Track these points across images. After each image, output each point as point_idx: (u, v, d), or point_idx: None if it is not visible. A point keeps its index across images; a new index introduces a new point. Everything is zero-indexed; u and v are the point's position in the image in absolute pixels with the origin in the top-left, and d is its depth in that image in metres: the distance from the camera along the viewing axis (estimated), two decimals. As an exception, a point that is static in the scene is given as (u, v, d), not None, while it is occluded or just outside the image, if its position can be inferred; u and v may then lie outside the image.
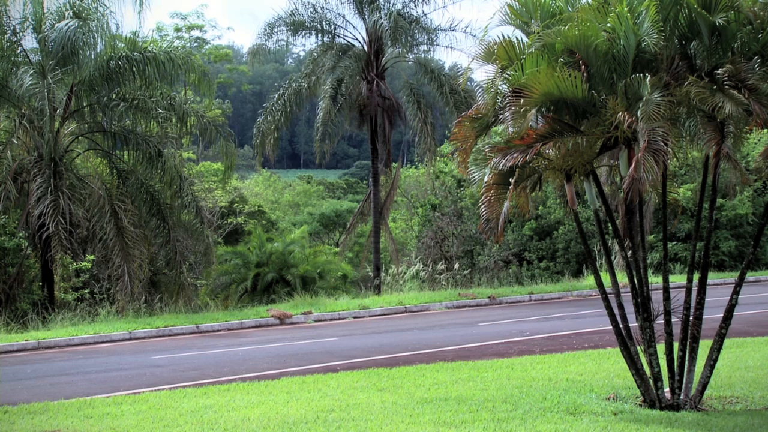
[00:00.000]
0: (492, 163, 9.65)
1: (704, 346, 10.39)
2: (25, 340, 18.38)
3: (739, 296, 10.33)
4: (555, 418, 9.41)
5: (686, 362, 10.15)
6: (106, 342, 19.10)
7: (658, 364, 10.06)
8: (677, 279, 22.46)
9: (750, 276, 28.52)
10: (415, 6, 31.16)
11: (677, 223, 32.33)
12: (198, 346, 17.81)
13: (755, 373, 12.21)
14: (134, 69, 24.35)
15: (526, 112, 9.11)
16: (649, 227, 28.83)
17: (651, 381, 10.12)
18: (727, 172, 11.80)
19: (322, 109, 30.35)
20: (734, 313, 10.29)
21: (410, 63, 32.85)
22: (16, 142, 23.76)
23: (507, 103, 9.43)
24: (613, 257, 27.51)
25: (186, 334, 20.27)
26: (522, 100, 9.12)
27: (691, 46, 9.71)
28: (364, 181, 71.81)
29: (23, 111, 23.61)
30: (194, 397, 11.34)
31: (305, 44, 39.15)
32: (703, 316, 10.19)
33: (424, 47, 32.15)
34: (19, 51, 23.76)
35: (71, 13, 23.31)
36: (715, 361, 10.19)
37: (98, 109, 24.52)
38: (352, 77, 30.33)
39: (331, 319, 22.58)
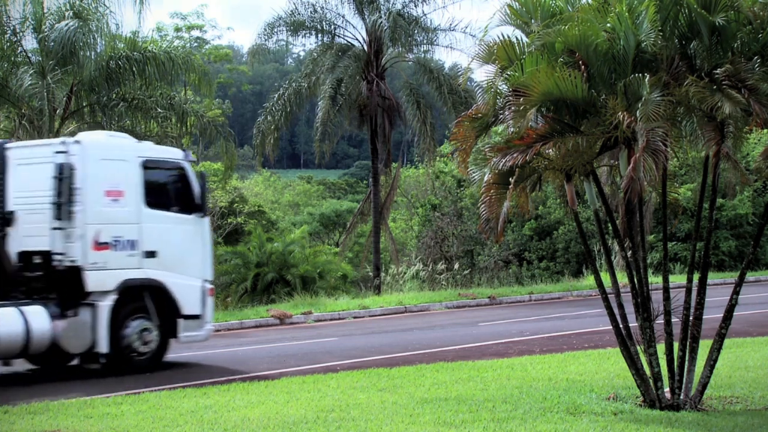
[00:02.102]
0: (492, 162, 9.64)
1: (704, 346, 10.37)
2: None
3: (739, 296, 10.33)
4: (555, 418, 9.40)
5: (686, 362, 10.15)
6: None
7: (658, 364, 10.06)
8: (677, 279, 22.42)
9: (750, 276, 28.51)
10: (415, 6, 31.18)
11: (677, 223, 32.34)
12: (197, 345, 17.80)
13: (755, 373, 12.21)
14: (134, 69, 24.35)
15: (526, 112, 9.11)
16: (649, 227, 28.83)
17: (651, 381, 10.12)
18: (727, 172, 11.78)
19: (322, 109, 30.34)
20: (734, 313, 10.29)
21: (410, 63, 32.85)
22: (14, 141, 23.76)
23: (507, 102, 9.43)
24: (613, 257, 27.50)
25: (186, 334, 20.25)
26: (522, 99, 9.12)
27: (691, 46, 9.70)
28: (364, 181, 71.77)
29: (23, 111, 23.60)
30: (194, 397, 11.34)
31: (305, 44, 39.20)
32: (703, 316, 10.19)
33: (423, 47, 32.16)
34: (19, 51, 23.75)
35: (71, 14, 23.29)
36: (715, 361, 10.19)
37: (98, 109, 24.51)
38: (352, 77, 30.32)
39: (331, 319, 22.58)
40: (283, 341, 17.96)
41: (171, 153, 15.57)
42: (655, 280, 11.04)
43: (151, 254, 14.46)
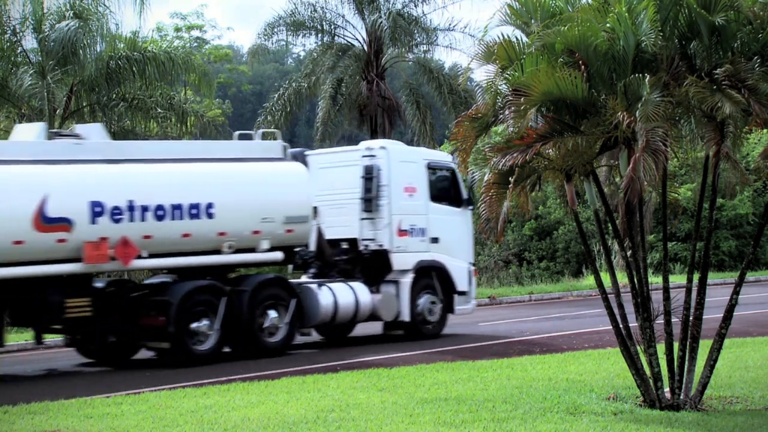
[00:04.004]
0: (492, 162, 9.65)
1: (704, 346, 10.36)
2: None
3: (739, 296, 10.31)
4: (555, 418, 9.40)
5: (686, 362, 10.14)
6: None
7: (658, 364, 10.05)
8: (677, 279, 22.36)
9: (750, 276, 28.49)
10: (415, 6, 31.14)
11: (677, 223, 32.34)
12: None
13: (755, 373, 12.20)
14: (134, 69, 24.36)
15: (526, 111, 9.10)
16: (649, 227, 28.79)
17: (651, 381, 10.11)
18: (727, 172, 11.79)
19: (322, 109, 30.36)
20: (734, 313, 10.28)
21: (410, 63, 32.82)
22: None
23: (507, 102, 9.42)
24: (613, 257, 27.51)
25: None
26: (522, 99, 9.12)
27: (691, 46, 9.70)
28: (364, 181, 71.59)
29: (23, 111, 23.62)
30: (194, 397, 11.34)
31: (305, 44, 39.00)
32: (703, 316, 10.18)
33: (423, 47, 32.13)
34: (19, 51, 23.76)
35: (71, 14, 23.29)
36: (715, 361, 10.18)
37: (98, 109, 24.53)
38: (352, 77, 30.33)
39: (331, 319, 22.53)
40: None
41: (444, 156, 19.00)
42: (655, 280, 11.03)
43: (435, 240, 17.68)
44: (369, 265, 17.32)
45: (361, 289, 16.88)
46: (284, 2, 60.19)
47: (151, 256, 14.72)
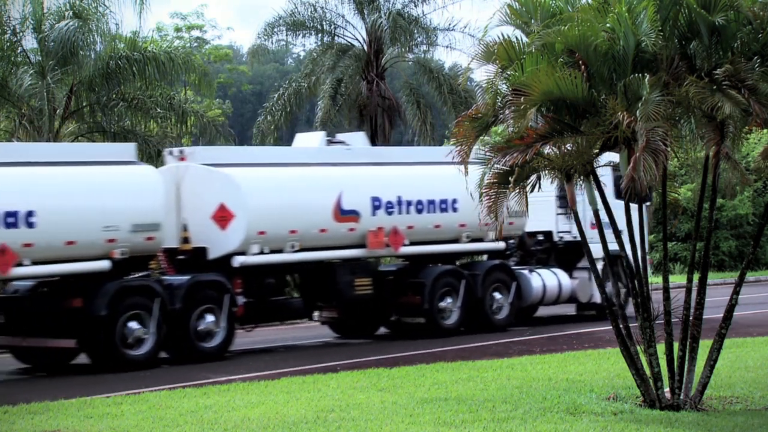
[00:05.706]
0: (491, 162, 9.66)
1: (704, 346, 10.36)
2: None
3: (739, 296, 10.32)
4: (555, 418, 9.40)
5: (686, 362, 10.14)
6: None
7: (658, 364, 10.05)
8: (677, 279, 22.40)
9: (750, 276, 28.47)
10: (415, 6, 31.14)
11: (677, 223, 32.33)
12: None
13: (755, 373, 12.20)
14: (134, 69, 24.31)
15: (526, 111, 9.11)
16: (649, 227, 28.80)
17: (651, 381, 10.11)
18: (727, 172, 11.82)
19: (322, 109, 30.37)
20: (734, 313, 10.28)
21: (410, 63, 32.81)
22: (16, 142, 23.76)
23: (507, 102, 9.43)
24: (613, 257, 27.48)
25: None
26: (522, 99, 9.12)
27: (691, 46, 9.70)
28: (364, 181, 71.49)
29: (23, 111, 23.60)
30: (194, 397, 11.34)
31: (305, 44, 38.99)
32: (703, 316, 10.18)
33: (423, 47, 32.14)
34: (19, 51, 23.73)
35: (71, 14, 23.26)
36: (715, 361, 10.18)
37: (98, 109, 24.51)
38: (352, 77, 30.33)
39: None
40: (290, 340, 17.98)
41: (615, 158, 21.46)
42: (655, 280, 11.04)
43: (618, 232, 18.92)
44: (563, 254, 19.77)
45: (562, 275, 19.41)
46: (284, 2, 60.08)
47: (411, 243, 17.62)
